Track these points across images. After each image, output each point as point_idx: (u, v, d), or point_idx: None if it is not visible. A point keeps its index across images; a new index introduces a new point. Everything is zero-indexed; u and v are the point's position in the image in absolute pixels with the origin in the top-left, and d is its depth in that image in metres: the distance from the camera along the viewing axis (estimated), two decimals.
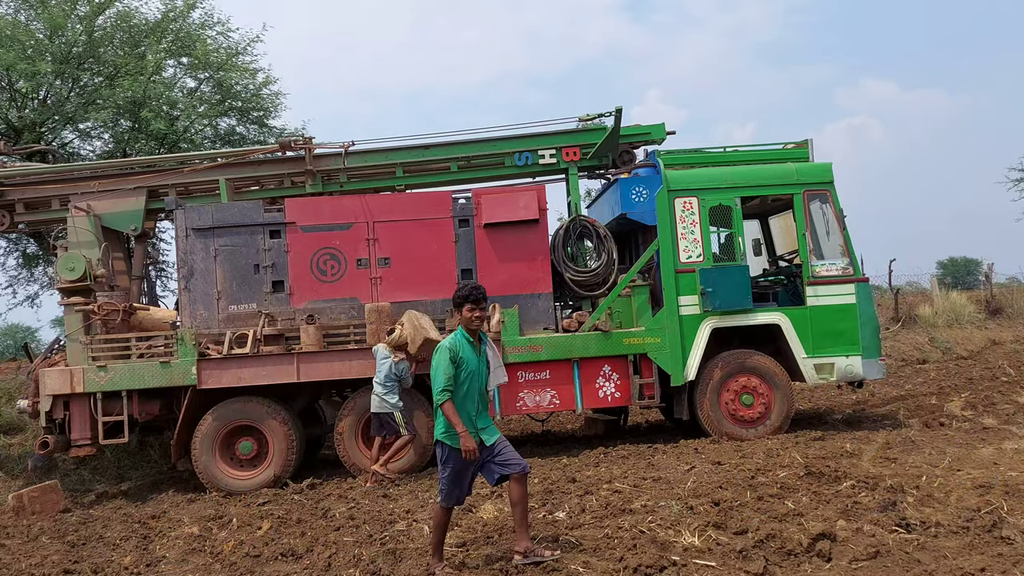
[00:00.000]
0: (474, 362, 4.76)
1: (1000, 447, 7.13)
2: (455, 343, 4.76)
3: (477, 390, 4.78)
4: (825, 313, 8.48)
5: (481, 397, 4.84)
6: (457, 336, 4.83)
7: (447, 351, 4.70)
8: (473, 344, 4.82)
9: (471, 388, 4.74)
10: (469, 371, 4.71)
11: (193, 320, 8.39)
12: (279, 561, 5.30)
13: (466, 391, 4.71)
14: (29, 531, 6.79)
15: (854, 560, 4.29)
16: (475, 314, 4.78)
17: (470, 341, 4.81)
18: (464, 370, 4.69)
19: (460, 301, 4.82)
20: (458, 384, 4.67)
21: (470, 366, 4.72)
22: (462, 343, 4.77)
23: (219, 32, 14.60)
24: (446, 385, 4.62)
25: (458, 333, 4.84)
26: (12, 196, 9.35)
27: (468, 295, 4.77)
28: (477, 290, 4.81)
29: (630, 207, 8.81)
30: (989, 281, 20.89)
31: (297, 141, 9.26)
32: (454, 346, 4.74)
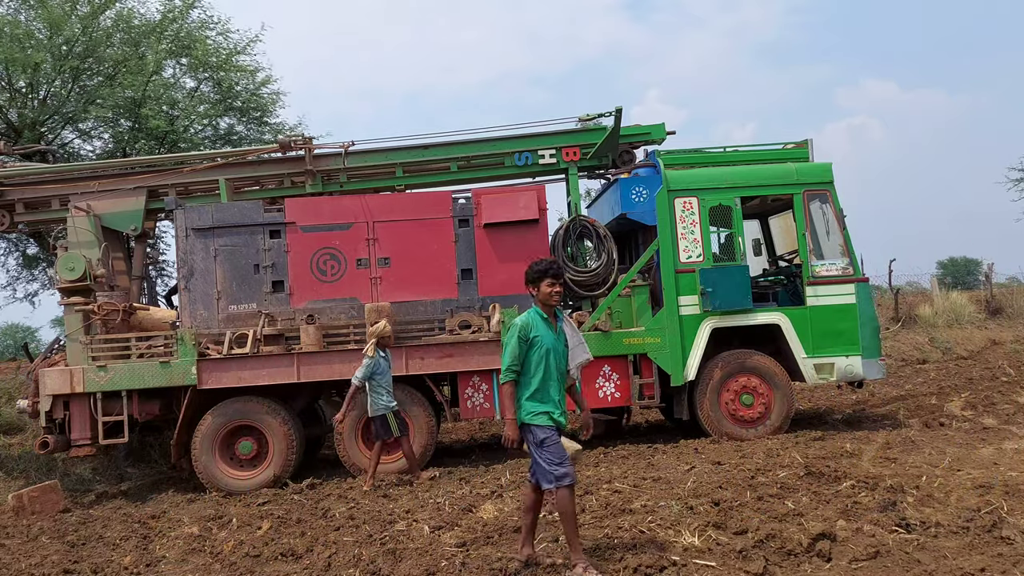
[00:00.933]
0: (551, 339, 4.47)
1: (1000, 447, 7.13)
2: (527, 320, 4.48)
3: (557, 369, 4.49)
4: (825, 313, 8.48)
5: (562, 377, 4.54)
6: (530, 313, 4.55)
7: (517, 328, 4.44)
8: (548, 321, 4.53)
9: (550, 368, 4.45)
10: (545, 349, 4.43)
11: (193, 320, 8.39)
12: (279, 561, 5.30)
13: (545, 371, 4.43)
14: (29, 531, 6.79)
15: (854, 560, 4.29)
16: (554, 289, 4.50)
17: (544, 318, 4.52)
18: (540, 350, 4.42)
19: (538, 276, 4.54)
20: (534, 365, 4.42)
21: (546, 343, 4.44)
22: (535, 320, 4.49)
23: (219, 33, 14.62)
24: (510, 364, 4.40)
25: (532, 310, 4.57)
26: (12, 196, 9.35)
27: (547, 269, 4.51)
28: (555, 265, 4.57)
29: (630, 207, 8.81)
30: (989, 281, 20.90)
31: (297, 141, 9.26)
32: (526, 323, 4.46)
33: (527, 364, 4.45)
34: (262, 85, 14.98)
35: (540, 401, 4.43)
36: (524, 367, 4.46)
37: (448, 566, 4.64)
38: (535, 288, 4.57)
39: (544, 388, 4.42)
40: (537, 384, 4.41)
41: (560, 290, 4.54)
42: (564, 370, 4.57)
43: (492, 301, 8.48)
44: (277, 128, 15.26)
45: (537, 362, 4.43)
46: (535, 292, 4.57)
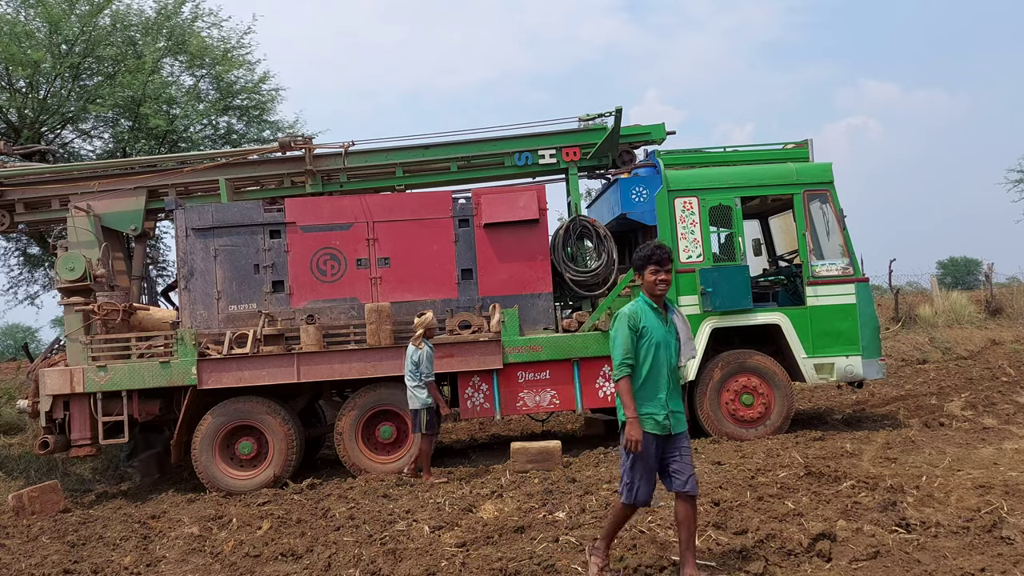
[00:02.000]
0: (660, 332, 4.12)
1: (1000, 447, 7.13)
2: (636, 309, 4.14)
3: (667, 365, 4.12)
4: (825, 313, 8.48)
5: (672, 374, 4.16)
6: (638, 302, 4.20)
7: (625, 318, 4.10)
8: (658, 312, 4.18)
9: (659, 363, 4.09)
10: (655, 342, 4.09)
11: (193, 320, 8.39)
12: (279, 561, 5.30)
13: (652, 366, 4.08)
14: (29, 531, 6.79)
15: (854, 560, 4.29)
16: (659, 277, 4.12)
17: (654, 308, 4.18)
18: (648, 341, 4.08)
19: (642, 262, 4.18)
20: (641, 358, 4.08)
21: (655, 336, 4.09)
22: (644, 310, 4.15)
23: (210, 24, 14.62)
24: (623, 358, 4.05)
25: (639, 299, 4.22)
26: (12, 196, 9.35)
27: (651, 255, 4.14)
28: (661, 249, 4.16)
29: (630, 207, 8.82)
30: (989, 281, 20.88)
31: (297, 141, 9.26)
32: (635, 312, 4.12)
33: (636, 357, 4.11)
34: (261, 82, 14.99)
35: (644, 400, 4.08)
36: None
37: (448, 566, 4.64)
38: (639, 276, 4.22)
39: (650, 386, 4.08)
40: (642, 380, 4.08)
41: (667, 278, 4.15)
42: (675, 366, 4.19)
43: (492, 301, 8.48)
44: (277, 127, 15.28)
45: (644, 356, 4.09)
46: (640, 280, 4.23)
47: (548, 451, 7.64)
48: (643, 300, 4.21)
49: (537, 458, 7.58)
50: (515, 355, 8.28)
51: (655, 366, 4.09)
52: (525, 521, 5.43)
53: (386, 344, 8.11)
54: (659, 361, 4.10)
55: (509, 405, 8.38)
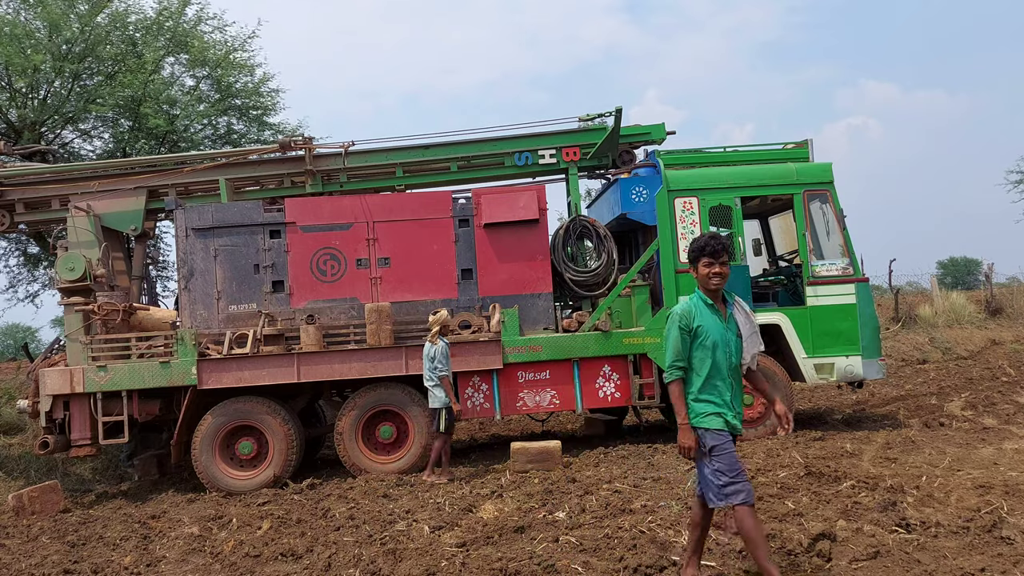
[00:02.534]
0: (718, 330, 3.87)
1: (1000, 447, 7.13)
2: (688, 308, 3.90)
3: (727, 364, 3.87)
4: (825, 313, 8.48)
5: (734, 373, 3.92)
6: (692, 300, 3.95)
7: (677, 318, 3.87)
8: (715, 308, 3.92)
9: (719, 362, 3.84)
10: (712, 342, 3.83)
11: (193, 320, 8.39)
12: (279, 561, 5.30)
13: (712, 367, 3.84)
14: (29, 531, 6.79)
15: (854, 560, 4.29)
16: (713, 270, 3.86)
17: (710, 304, 3.91)
18: (704, 342, 3.83)
19: (694, 254, 3.92)
20: (698, 360, 3.84)
21: (712, 335, 3.84)
22: (699, 307, 3.90)
23: (214, 27, 14.64)
24: (674, 361, 3.84)
25: (694, 295, 3.97)
26: (12, 196, 9.35)
27: (704, 246, 3.88)
28: (715, 240, 3.88)
29: (630, 207, 8.82)
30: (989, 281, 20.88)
31: (297, 141, 9.26)
32: (687, 312, 3.88)
33: (692, 359, 3.89)
34: (261, 83, 15.00)
35: (709, 401, 3.83)
36: (688, 362, 3.90)
37: (448, 566, 4.64)
38: (692, 269, 3.98)
39: (712, 386, 3.84)
40: (702, 382, 3.84)
41: (722, 271, 3.87)
42: (737, 365, 3.94)
43: (492, 301, 8.48)
44: (277, 128, 15.28)
45: (702, 357, 3.85)
46: (693, 274, 3.99)
47: (548, 451, 7.64)
48: (698, 296, 3.94)
49: (537, 458, 7.58)
50: (515, 355, 8.28)
51: (714, 367, 3.84)
52: (525, 521, 5.44)
53: (386, 344, 8.11)
54: (718, 362, 3.84)
55: (509, 405, 8.38)
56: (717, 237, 3.90)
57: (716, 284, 3.88)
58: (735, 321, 3.98)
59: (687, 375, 3.91)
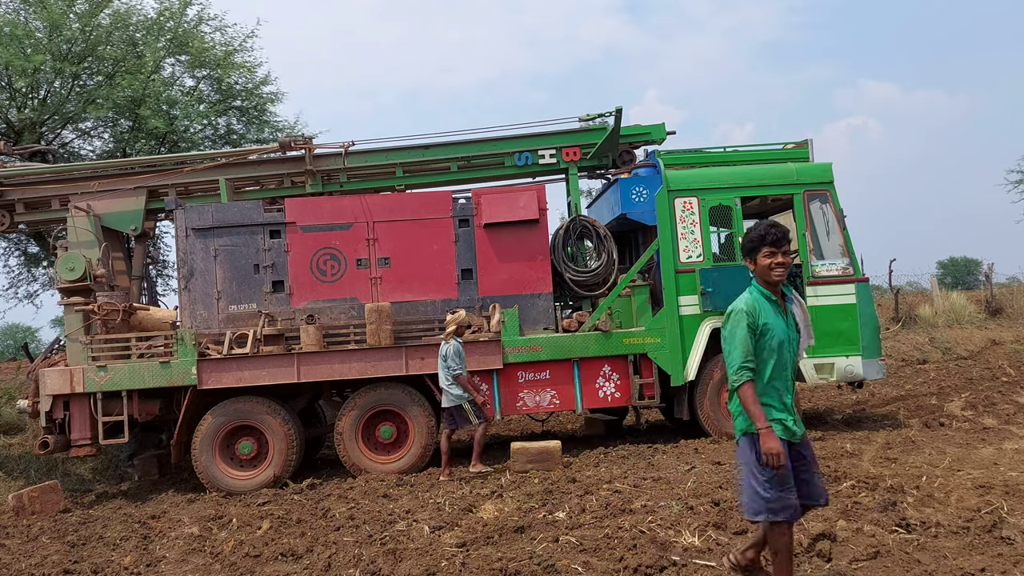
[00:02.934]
0: (781, 327, 3.59)
1: (1000, 447, 7.13)
2: (752, 304, 3.59)
3: (790, 362, 3.63)
4: (825, 313, 8.47)
5: (793, 374, 3.67)
6: (753, 295, 3.64)
7: (743, 316, 3.56)
8: (776, 303, 3.64)
9: (783, 363, 3.58)
10: (777, 340, 3.56)
11: (193, 320, 8.39)
12: (279, 561, 5.30)
13: (775, 368, 3.56)
14: (29, 531, 6.79)
15: (854, 560, 4.29)
16: (775, 260, 3.57)
17: (771, 299, 3.63)
18: (769, 341, 3.55)
19: (754, 245, 3.64)
20: (761, 360, 3.56)
21: (777, 333, 3.56)
22: (761, 304, 3.60)
23: (215, 28, 14.65)
24: (744, 361, 3.51)
25: (753, 290, 3.67)
26: (12, 196, 9.35)
27: (764, 235, 3.59)
28: (776, 228, 3.60)
29: (630, 207, 8.82)
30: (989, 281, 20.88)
31: (297, 141, 9.26)
32: (752, 308, 3.58)
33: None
34: (261, 84, 15.00)
35: (769, 406, 3.55)
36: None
37: (448, 566, 4.64)
38: (751, 261, 3.67)
39: (772, 388, 3.57)
40: (764, 384, 3.57)
41: (784, 261, 3.59)
42: (796, 364, 3.69)
43: (492, 301, 8.48)
44: (277, 127, 15.29)
45: (767, 357, 3.56)
46: (751, 266, 3.69)
47: (548, 451, 7.64)
48: (757, 291, 3.64)
49: (537, 458, 7.58)
50: (515, 355, 8.28)
51: (779, 367, 3.58)
52: (525, 521, 5.43)
53: (386, 344, 8.11)
54: (783, 361, 3.59)
55: (509, 405, 8.38)
56: (777, 225, 3.63)
57: (779, 276, 3.60)
58: (792, 315, 3.72)
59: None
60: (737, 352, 3.54)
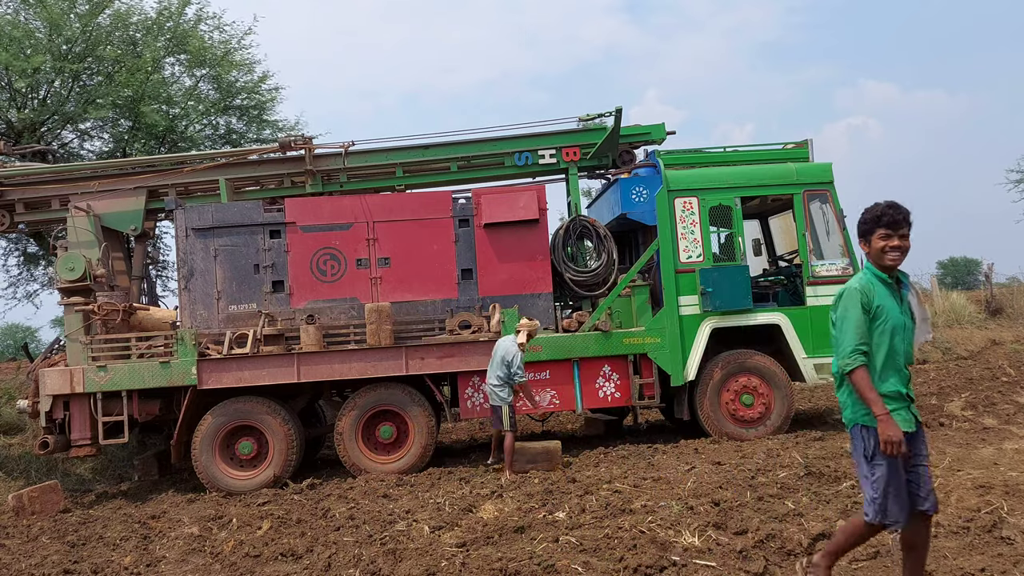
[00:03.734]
0: (895, 312, 3.40)
1: (1000, 447, 7.13)
2: (866, 283, 3.42)
3: (904, 350, 3.42)
4: (825, 313, 8.46)
5: (908, 359, 3.46)
6: (867, 276, 3.47)
7: (856, 295, 3.38)
8: (892, 288, 3.45)
9: (895, 350, 3.38)
10: (890, 324, 3.37)
11: (193, 320, 8.39)
12: (279, 561, 5.30)
13: (888, 354, 3.37)
14: (29, 531, 6.79)
15: (854, 560, 4.30)
16: (891, 243, 3.39)
17: (887, 282, 3.45)
18: (883, 324, 3.37)
19: (869, 225, 3.44)
20: (874, 345, 3.37)
21: (891, 318, 3.38)
22: (876, 285, 3.43)
23: (213, 27, 14.65)
24: (857, 344, 3.34)
25: (866, 272, 3.50)
26: (12, 196, 9.36)
27: (880, 216, 3.40)
28: (894, 209, 3.39)
29: (630, 207, 8.82)
30: (989, 281, 20.86)
31: (297, 141, 9.26)
32: (866, 288, 3.40)
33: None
34: (260, 82, 15.00)
35: (883, 395, 3.36)
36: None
37: (448, 566, 4.64)
38: (865, 243, 3.49)
39: (887, 378, 3.37)
40: (877, 370, 3.38)
41: (901, 245, 3.40)
42: (911, 352, 3.48)
43: (492, 301, 8.48)
44: (277, 127, 15.29)
45: (880, 342, 3.37)
46: (865, 249, 3.50)
47: (548, 451, 7.63)
48: (871, 273, 3.46)
49: (537, 458, 7.58)
50: None
51: (891, 354, 3.37)
52: (525, 521, 5.43)
53: (386, 344, 8.11)
54: (896, 348, 3.39)
55: None
56: (895, 206, 3.40)
57: (893, 260, 3.40)
58: (908, 304, 3.50)
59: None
60: (850, 335, 3.36)
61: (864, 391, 3.33)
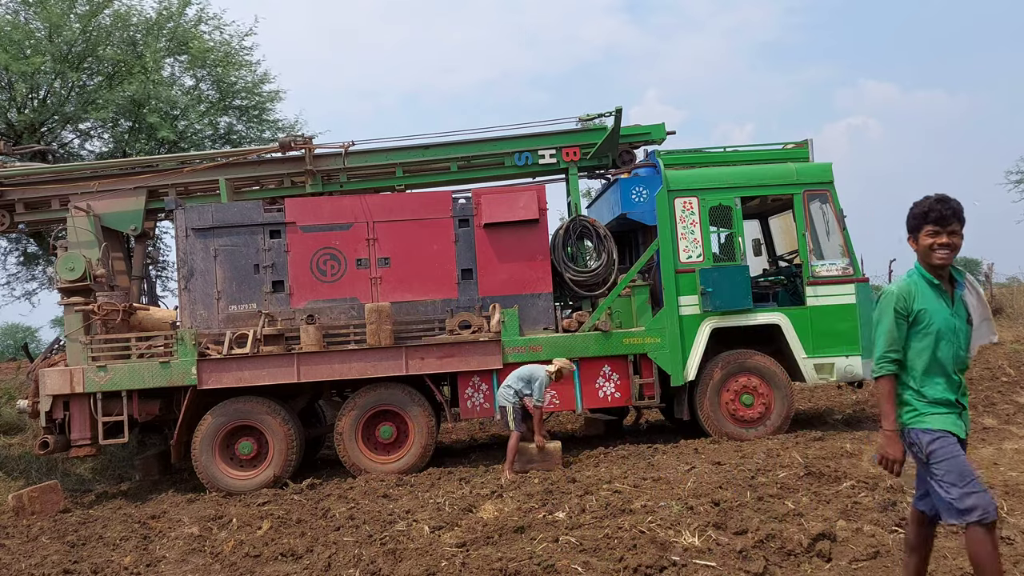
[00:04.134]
0: (943, 316, 3.20)
1: (1000, 447, 7.13)
2: (906, 287, 3.25)
3: (953, 358, 3.23)
4: (825, 313, 8.48)
5: (960, 368, 3.27)
6: (912, 277, 3.30)
7: (892, 298, 3.24)
8: (940, 288, 3.25)
9: (940, 357, 3.20)
10: (934, 329, 3.19)
11: (193, 320, 8.39)
12: (279, 561, 5.30)
13: (931, 361, 3.20)
14: (29, 531, 6.79)
15: (854, 560, 4.29)
16: (939, 241, 3.18)
17: (934, 284, 3.25)
18: (925, 329, 3.19)
19: (916, 221, 3.25)
20: (915, 351, 3.21)
21: (936, 321, 3.19)
22: (919, 287, 3.25)
23: (214, 27, 14.66)
24: (886, 351, 3.22)
25: (913, 272, 3.31)
26: (12, 196, 9.36)
27: (927, 211, 3.19)
28: (943, 204, 3.18)
29: (630, 207, 8.81)
30: (989, 281, 20.84)
31: (297, 141, 9.26)
32: (904, 292, 3.24)
33: (906, 349, 3.26)
34: (261, 82, 15.00)
35: (932, 400, 3.21)
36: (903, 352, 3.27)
37: (448, 566, 4.64)
38: (913, 240, 3.29)
39: (932, 384, 3.21)
40: (919, 376, 3.22)
41: (950, 242, 3.18)
42: (965, 357, 3.29)
43: (492, 301, 8.48)
44: (277, 127, 15.29)
45: (922, 348, 3.21)
46: (914, 246, 3.30)
47: (548, 451, 7.64)
48: (918, 273, 3.28)
49: (537, 458, 7.58)
50: (515, 355, 8.27)
51: (934, 362, 3.21)
52: (525, 521, 5.43)
53: (386, 344, 8.11)
54: (941, 354, 3.20)
55: None
56: (945, 200, 3.19)
57: (941, 259, 3.19)
58: (964, 305, 3.31)
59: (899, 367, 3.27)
60: (880, 341, 3.25)
61: (882, 400, 3.25)
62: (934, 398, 3.21)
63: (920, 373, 3.23)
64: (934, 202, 3.20)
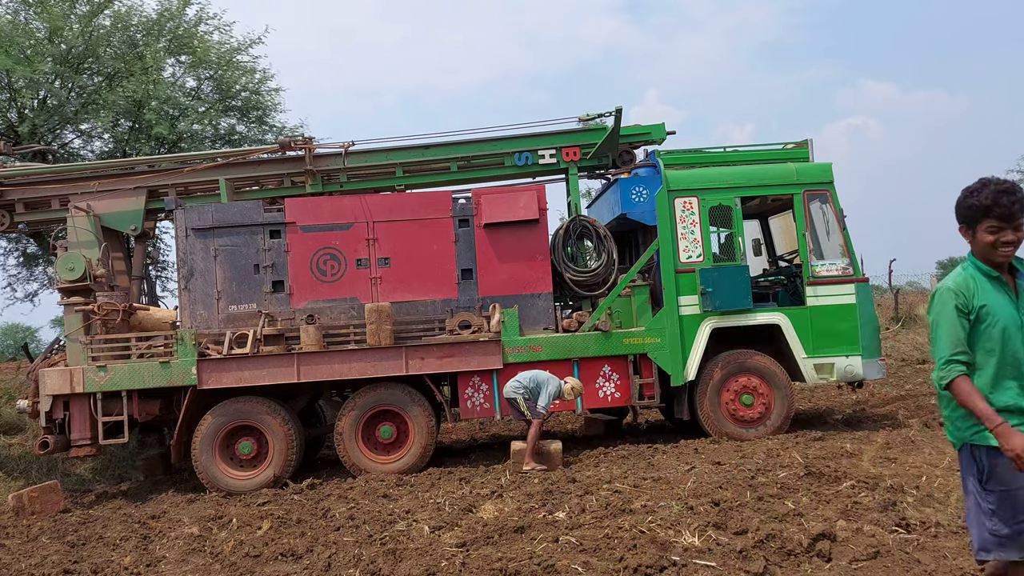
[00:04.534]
0: (1008, 311, 2.89)
1: None
2: (963, 282, 2.93)
3: (1021, 356, 2.89)
4: (825, 313, 8.48)
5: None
6: (967, 270, 2.98)
7: (950, 296, 2.91)
8: (1001, 280, 2.93)
9: (1009, 355, 2.87)
10: (1000, 325, 2.86)
11: (193, 320, 8.39)
12: (279, 561, 5.30)
13: (1001, 361, 2.87)
14: (29, 531, 6.79)
15: (854, 560, 4.29)
16: (1003, 238, 2.85)
17: (994, 276, 2.93)
18: (991, 327, 2.87)
19: (974, 213, 2.89)
20: (982, 352, 2.89)
21: (1000, 318, 2.87)
22: (979, 282, 2.92)
23: (215, 27, 14.64)
24: (953, 353, 2.86)
25: (968, 266, 2.98)
26: (12, 196, 9.35)
27: (992, 206, 2.82)
28: (1009, 197, 2.81)
29: (630, 207, 8.81)
30: None
31: (297, 141, 9.26)
32: (962, 287, 2.92)
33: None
34: (261, 83, 14.99)
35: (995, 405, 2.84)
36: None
37: (448, 566, 4.64)
38: (967, 233, 2.97)
39: (998, 386, 2.87)
40: (988, 381, 2.88)
41: (1016, 239, 2.86)
42: None
43: (492, 301, 8.48)
44: (277, 128, 15.28)
45: (989, 348, 2.88)
46: (968, 240, 2.97)
47: (548, 451, 7.64)
48: (973, 266, 2.96)
49: (537, 458, 7.58)
50: (515, 355, 8.28)
51: (1007, 360, 2.87)
52: (525, 521, 5.43)
53: (386, 344, 8.11)
54: (1010, 352, 2.87)
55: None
56: (1011, 191, 2.82)
57: (1005, 256, 2.88)
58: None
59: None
60: (943, 343, 2.89)
61: (969, 402, 2.80)
62: (1005, 406, 2.84)
63: (989, 378, 2.89)
64: (998, 194, 2.82)
